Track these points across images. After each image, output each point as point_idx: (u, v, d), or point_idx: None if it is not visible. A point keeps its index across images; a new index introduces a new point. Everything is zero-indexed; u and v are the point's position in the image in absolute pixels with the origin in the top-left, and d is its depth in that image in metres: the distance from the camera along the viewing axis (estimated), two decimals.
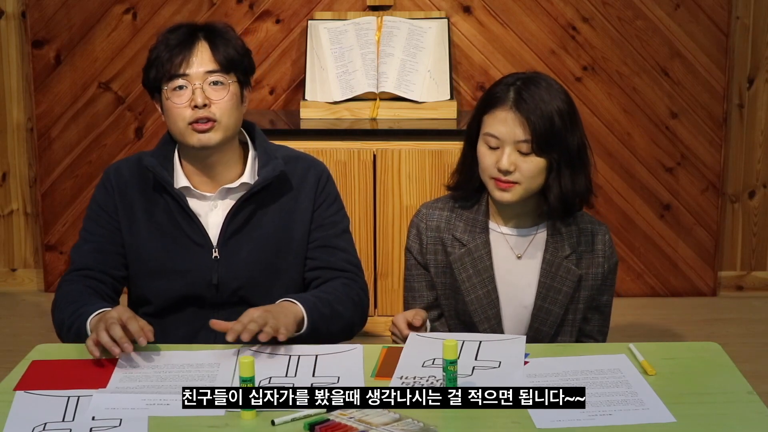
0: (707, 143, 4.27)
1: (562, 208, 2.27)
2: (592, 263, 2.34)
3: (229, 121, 2.29)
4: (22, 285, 4.49)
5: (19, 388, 1.94)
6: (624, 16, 4.17)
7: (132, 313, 2.07)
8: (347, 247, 2.43)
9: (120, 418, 1.81)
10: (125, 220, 2.35)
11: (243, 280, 2.36)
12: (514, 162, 2.22)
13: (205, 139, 2.27)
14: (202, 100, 2.25)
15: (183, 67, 2.26)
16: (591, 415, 1.81)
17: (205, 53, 2.27)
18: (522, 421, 1.79)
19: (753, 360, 3.65)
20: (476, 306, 2.32)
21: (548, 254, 2.31)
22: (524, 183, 2.23)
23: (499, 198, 2.26)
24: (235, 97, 2.30)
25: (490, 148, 2.24)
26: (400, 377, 1.97)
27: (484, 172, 2.27)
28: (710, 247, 4.36)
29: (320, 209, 2.40)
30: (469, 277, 2.32)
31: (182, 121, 2.27)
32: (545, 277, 2.31)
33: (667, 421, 1.80)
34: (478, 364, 2.02)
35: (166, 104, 2.29)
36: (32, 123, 4.33)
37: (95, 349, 2.02)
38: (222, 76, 2.28)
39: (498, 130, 2.23)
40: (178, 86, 2.26)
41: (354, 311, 2.34)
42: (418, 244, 2.38)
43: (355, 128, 3.80)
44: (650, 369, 2.00)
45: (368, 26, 4.03)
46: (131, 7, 4.20)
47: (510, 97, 2.23)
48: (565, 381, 1.95)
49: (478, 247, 2.32)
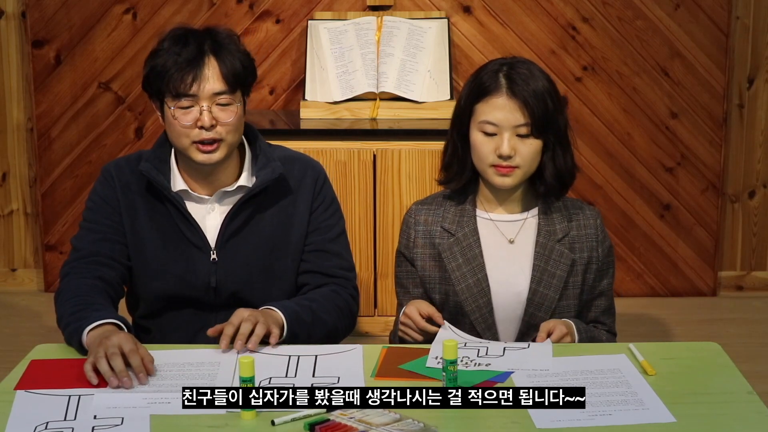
0: (707, 143, 4.27)
1: (558, 185, 2.32)
2: (584, 247, 2.35)
3: (233, 139, 2.29)
4: (22, 285, 4.48)
5: (19, 387, 1.94)
6: (624, 16, 4.17)
7: (134, 344, 2.00)
8: (341, 251, 2.43)
9: (122, 417, 1.81)
10: (128, 217, 2.35)
11: (241, 283, 2.36)
12: (514, 146, 2.24)
13: (209, 159, 2.27)
14: (209, 121, 2.23)
15: (194, 87, 2.23)
16: (591, 415, 1.81)
17: (213, 72, 2.24)
18: (522, 421, 1.79)
19: (753, 360, 3.65)
20: (467, 295, 2.32)
21: (541, 238, 2.33)
22: (524, 166, 2.27)
23: (500, 183, 2.28)
24: (241, 116, 2.29)
25: (487, 135, 2.26)
26: (436, 357, 2.01)
27: (483, 160, 2.28)
28: (710, 247, 4.36)
29: (317, 212, 2.40)
30: (458, 267, 2.33)
31: (187, 138, 2.26)
32: (539, 261, 2.32)
33: (667, 421, 1.80)
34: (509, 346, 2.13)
35: (171, 120, 2.26)
36: (32, 123, 4.33)
37: (94, 376, 1.95)
38: (229, 98, 2.25)
39: (496, 117, 2.25)
40: (185, 106, 2.24)
41: (338, 318, 2.34)
42: (406, 239, 2.40)
43: (355, 128, 3.80)
44: (650, 369, 2.00)
45: (368, 26, 4.03)
46: (131, 7, 4.20)
47: (502, 83, 2.26)
48: (565, 381, 1.95)
49: (466, 235, 2.33)
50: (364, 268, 3.83)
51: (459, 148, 2.34)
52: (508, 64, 2.30)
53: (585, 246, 2.35)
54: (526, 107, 2.24)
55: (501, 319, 2.34)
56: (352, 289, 2.42)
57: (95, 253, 2.31)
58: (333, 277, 2.39)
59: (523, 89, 2.24)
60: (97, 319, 2.10)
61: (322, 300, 2.33)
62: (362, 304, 3.87)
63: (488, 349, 2.13)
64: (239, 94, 2.29)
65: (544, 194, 2.34)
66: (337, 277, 2.39)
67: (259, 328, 2.09)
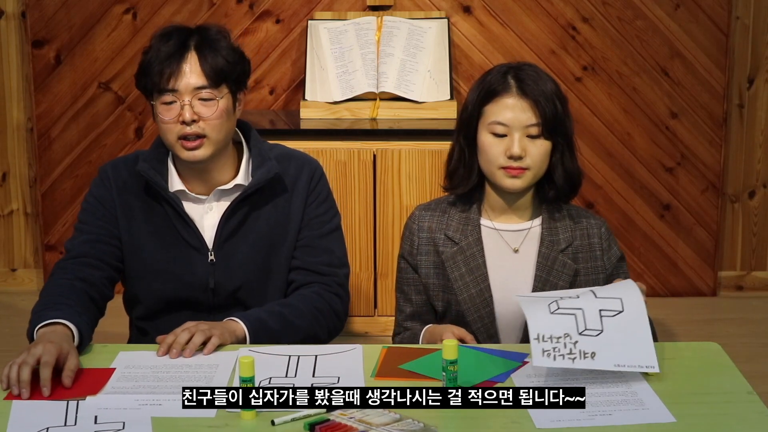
0: (707, 143, 4.27)
1: (568, 188, 2.31)
2: (589, 257, 2.34)
3: (218, 136, 2.27)
4: (22, 285, 4.48)
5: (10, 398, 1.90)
6: (624, 16, 4.17)
7: (52, 358, 1.94)
8: (331, 247, 2.40)
9: (123, 420, 1.80)
10: (123, 218, 2.35)
11: (239, 283, 2.35)
12: (524, 147, 2.23)
13: (192, 156, 2.26)
14: (190, 116, 2.22)
15: (171, 82, 2.23)
16: (591, 415, 1.81)
17: (194, 67, 2.23)
18: (522, 421, 1.79)
19: (753, 360, 3.65)
20: (469, 305, 2.31)
21: (544, 248, 2.31)
22: (534, 168, 2.25)
23: (510, 186, 2.26)
24: (225, 112, 2.27)
25: (497, 137, 2.25)
26: (537, 337, 1.93)
27: (492, 162, 2.26)
28: (710, 247, 4.36)
29: (310, 208, 2.38)
30: (461, 276, 2.32)
31: (171, 135, 2.26)
32: (541, 271, 2.31)
33: (667, 421, 1.80)
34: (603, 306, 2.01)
35: (157, 116, 2.27)
36: (32, 123, 4.33)
37: (3, 381, 1.93)
38: (211, 92, 2.24)
39: (506, 117, 2.24)
40: (168, 101, 2.24)
41: (315, 323, 2.31)
42: (409, 245, 2.38)
43: (355, 128, 3.80)
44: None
45: (368, 26, 4.03)
46: (131, 7, 4.20)
47: (512, 84, 2.25)
48: (565, 381, 1.94)
49: (470, 245, 2.32)
50: (364, 268, 3.83)
51: (466, 152, 2.32)
52: (515, 67, 2.29)
53: (588, 256, 2.34)
54: (537, 107, 2.23)
55: (503, 327, 2.34)
56: (337, 287, 2.38)
57: (83, 254, 2.31)
58: (318, 273, 2.37)
59: (533, 89, 2.23)
60: (48, 318, 2.09)
61: (298, 304, 2.30)
62: (362, 304, 3.87)
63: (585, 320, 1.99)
64: (225, 90, 2.27)
65: (553, 198, 2.32)
66: (322, 274, 2.37)
67: (197, 336, 2.07)
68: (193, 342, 2.06)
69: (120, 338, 2.48)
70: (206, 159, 2.28)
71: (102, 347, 2.14)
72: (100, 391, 1.91)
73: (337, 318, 2.38)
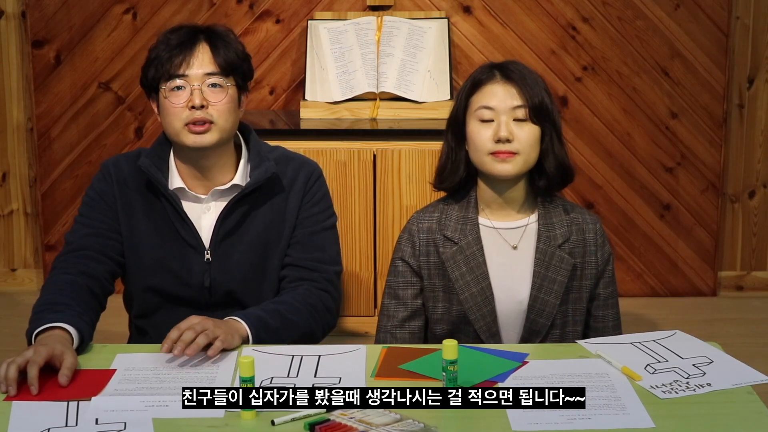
0: (707, 143, 4.27)
1: (559, 176, 2.32)
2: (585, 252, 2.35)
3: (225, 123, 2.29)
4: (22, 285, 4.49)
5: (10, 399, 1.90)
6: (624, 16, 4.17)
7: (41, 358, 1.94)
8: (324, 245, 2.40)
9: (124, 421, 1.80)
10: (124, 214, 2.35)
11: (235, 282, 2.36)
12: (511, 131, 2.25)
13: (200, 140, 2.27)
14: (200, 101, 2.25)
15: (183, 67, 2.26)
16: (569, 419, 1.79)
17: (205, 55, 2.28)
18: (498, 422, 1.78)
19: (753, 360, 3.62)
20: (471, 304, 2.31)
21: (541, 243, 2.32)
22: (523, 153, 2.26)
23: (500, 171, 2.26)
24: (232, 101, 2.30)
25: (484, 122, 2.27)
26: (652, 386, 1.94)
27: (480, 149, 2.28)
28: (710, 247, 4.36)
29: (305, 207, 2.39)
30: (462, 275, 2.32)
31: (179, 121, 2.27)
32: (539, 267, 2.31)
33: (646, 426, 1.78)
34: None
35: (164, 103, 2.28)
36: (32, 123, 4.33)
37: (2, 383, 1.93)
38: (221, 79, 2.28)
39: (491, 101, 2.27)
40: (177, 86, 2.26)
41: (311, 319, 2.31)
42: (410, 248, 2.37)
43: (355, 128, 3.80)
44: (635, 375, 1.97)
45: (368, 26, 4.03)
46: (131, 7, 4.20)
47: (496, 73, 2.30)
48: (552, 384, 1.91)
49: (470, 244, 2.32)
50: (364, 268, 3.83)
51: (453, 147, 2.34)
52: (503, 62, 2.35)
53: (583, 251, 2.35)
54: (522, 90, 2.26)
55: (504, 326, 2.34)
56: (326, 283, 2.37)
57: (84, 247, 2.31)
58: (307, 269, 2.36)
59: (518, 75, 2.28)
60: (47, 321, 2.09)
61: (292, 301, 2.30)
62: (362, 304, 3.87)
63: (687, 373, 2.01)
64: (232, 80, 2.30)
65: (545, 188, 2.33)
66: (311, 270, 2.37)
67: (201, 338, 2.04)
68: (196, 343, 2.05)
69: (119, 337, 2.49)
70: (212, 145, 2.29)
71: (101, 347, 2.14)
72: (100, 393, 1.91)
73: (329, 314, 2.37)
